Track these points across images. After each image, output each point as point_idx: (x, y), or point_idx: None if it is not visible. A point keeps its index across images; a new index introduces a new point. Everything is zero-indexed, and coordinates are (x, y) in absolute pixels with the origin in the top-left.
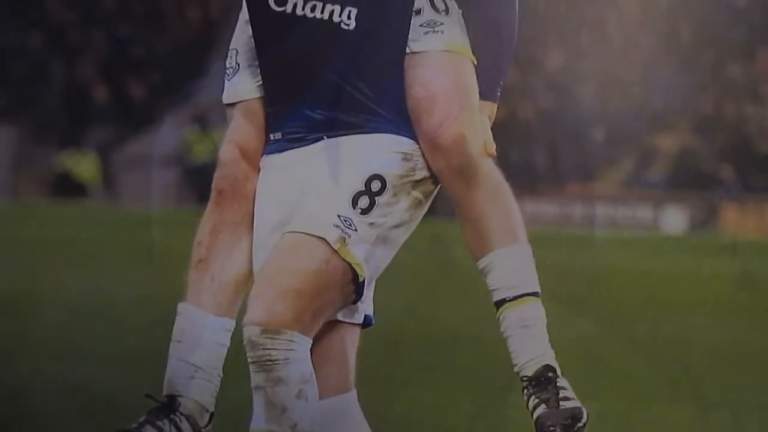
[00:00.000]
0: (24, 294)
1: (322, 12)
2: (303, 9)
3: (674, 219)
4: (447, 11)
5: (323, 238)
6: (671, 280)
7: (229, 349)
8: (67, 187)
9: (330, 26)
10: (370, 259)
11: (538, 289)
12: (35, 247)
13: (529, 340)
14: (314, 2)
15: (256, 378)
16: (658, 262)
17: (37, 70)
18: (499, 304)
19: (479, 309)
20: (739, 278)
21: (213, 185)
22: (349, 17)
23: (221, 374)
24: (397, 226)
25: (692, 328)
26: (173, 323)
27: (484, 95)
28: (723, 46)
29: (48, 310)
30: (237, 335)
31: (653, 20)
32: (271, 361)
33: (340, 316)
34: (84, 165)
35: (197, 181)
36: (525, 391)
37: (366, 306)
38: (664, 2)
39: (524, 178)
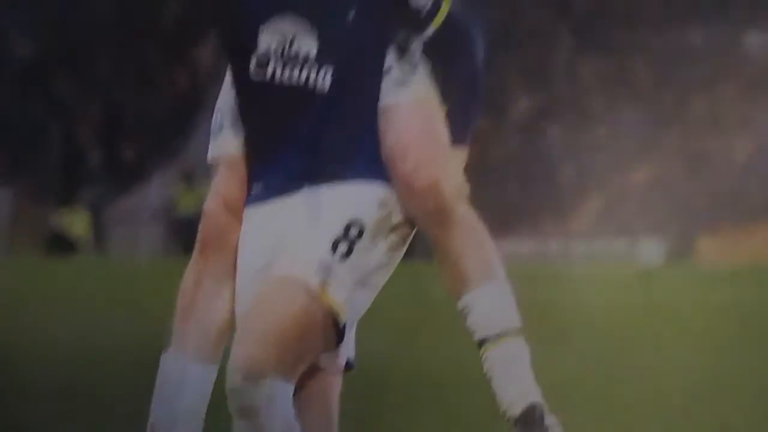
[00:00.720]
0: (17, 345)
1: (299, 77)
2: (280, 76)
3: (649, 251)
4: (415, 68)
5: (304, 283)
6: (650, 312)
7: (211, 397)
8: (61, 243)
9: (307, 89)
10: (350, 302)
11: (519, 326)
12: (28, 301)
13: (514, 379)
14: (290, 69)
15: (238, 426)
16: (635, 294)
17: (37, 135)
18: (482, 343)
19: (461, 349)
20: (718, 308)
21: (198, 236)
22: (324, 78)
23: (203, 421)
24: (376, 269)
25: (673, 359)
26: (157, 370)
27: (455, 141)
28: (684, 83)
29: (39, 359)
30: (220, 382)
31: (614, 61)
32: (253, 408)
33: (321, 361)
34: (77, 222)
35: (183, 233)
36: (513, 431)
37: (348, 349)
38: (623, 43)
39: (499, 218)
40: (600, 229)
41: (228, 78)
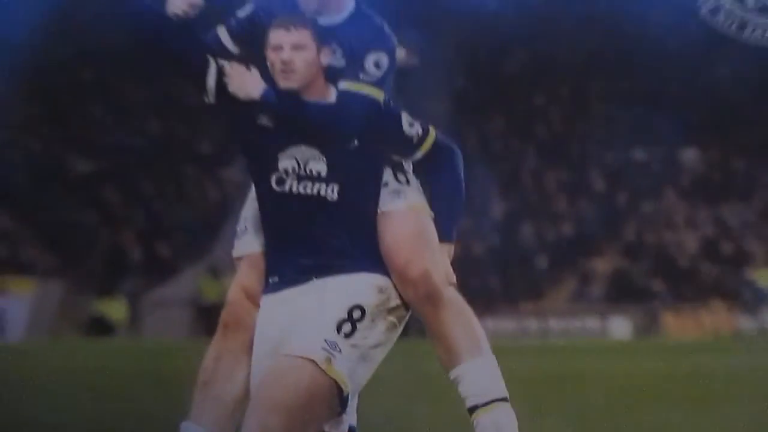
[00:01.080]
0: (64, 410)
1: (312, 189)
2: (297, 188)
3: (619, 327)
4: (408, 182)
5: (312, 359)
6: (621, 380)
7: None
8: (100, 326)
9: (318, 199)
10: (353, 375)
11: (506, 395)
12: (70, 375)
13: None
14: (306, 182)
15: None
16: (608, 365)
17: (86, 237)
18: (472, 410)
19: (454, 416)
20: (683, 375)
21: (220, 319)
22: (333, 192)
23: None
24: (376, 346)
25: (643, 422)
26: None
27: (442, 238)
28: (634, 190)
29: (78, 423)
30: None
31: (573, 172)
32: None
33: (326, 428)
34: (115, 308)
35: (207, 318)
36: None
37: (350, 417)
38: (580, 159)
39: (482, 301)
40: (573, 309)
41: (252, 191)
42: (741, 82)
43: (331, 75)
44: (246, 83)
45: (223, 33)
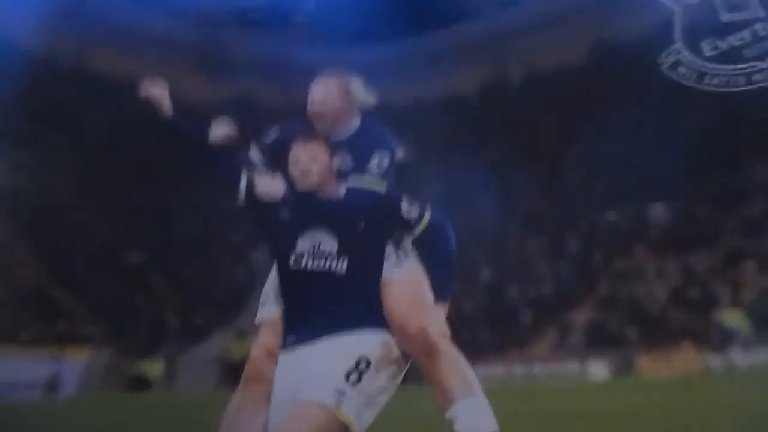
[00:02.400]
0: None
1: (323, 266)
2: (312, 265)
3: (597, 370)
4: (407, 255)
5: (323, 404)
6: (602, 417)
7: None
8: (141, 383)
9: (329, 273)
10: (359, 417)
11: (497, 429)
12: (114, 426)
13: None
14: (318, 261)
15: None
16: (588, 404)
17: (133, 312)
18: None
19: None
20: (657, 411)
21: (243, 373)
22: (342, 266)
23: None
24: (380, 392)
25: None
26: None
27: (437, 298)
28: (607, 249)
29: None
30: None
31: (550, 239)
32: None
33: None
34: (154, 368)
35: (233, 373)
36: None
37: None
38: (557, 225)
39: (473, 352)
40: (555, 355)
41: (273, 269)
42: (699, 132)
43: (341, 176)
44: (271, 186)
45: (253, 150)
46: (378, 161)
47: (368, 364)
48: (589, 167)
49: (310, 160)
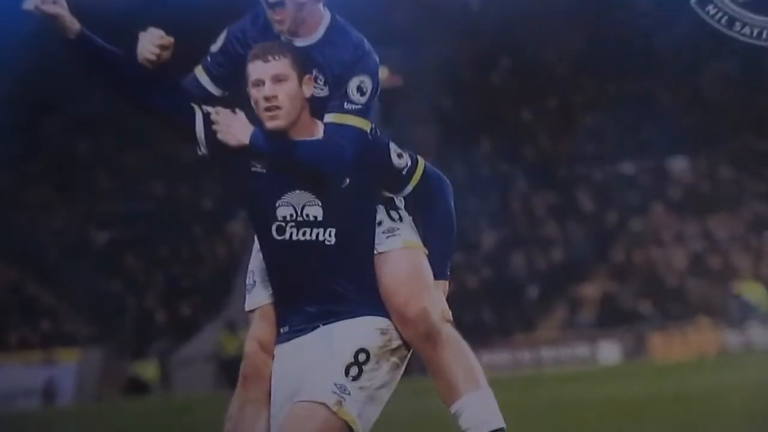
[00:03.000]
0: None
1: (310, 235)
2: (297, 235)
3: (608, 352)
4: (401, 219)
5: (324, 402)
6: (611, 404)
7: None
8: (136, 386)
9: (317, 244)
10: (362, 415)
11: (503, 425)
12: None
13: None
14: (304, 229)
15: None
16: (600, 390)
17: (116, 304)
18: None
19: None
20: (670, 396)
21: (240, 372)
22: (330, 236)
23: None
24: (382, 386)
25: None
26: None
27: (437, 275)
28: (621, 207)
29: None
30: None
31: (559, 194)
32: None
33: None
34: (148, 369)
35: (229, 371)
36: None
37: None
38: (568, 179)
39: (477, 335)
40: (564, 336)
41: (255, 243)
42: (729, 85)
43: (316, 106)
44: (234, 129)
45: (201, 74)
46: (359, 84)
47: (368, 356)
48: (605, 108)
49: (275, 81)
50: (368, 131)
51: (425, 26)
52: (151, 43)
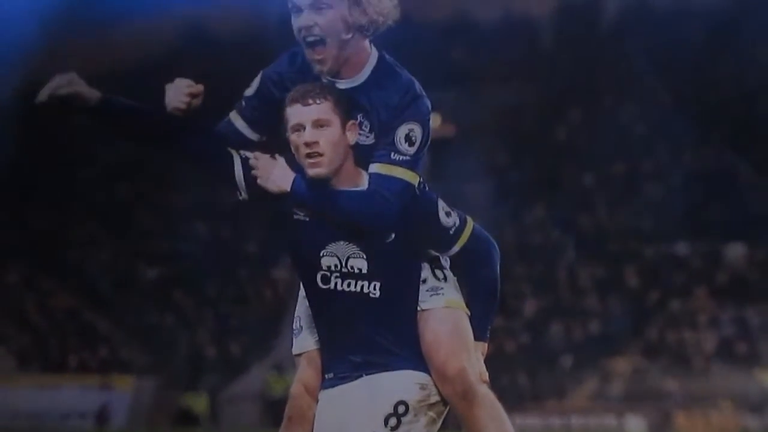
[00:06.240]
0: None
1: (355, 287)
2: (341, 285)
3: (635, 425)
4: (445, 279)
5: None
6: None
7: None
8: (187, 419)
9: (362, 296)
10: None
11: None
12: None
13: None
14: (349, 280)
15: None
16: None
17: (169, 339)
18: None
19: None
20: None
21: (285, 413)
22: (375, 289)
23: None
24: None
25: None
26: None
27: (477, 337)
28: (665, 287)
29: None
30: None
31: (607, 268)
32: None
33: None
34: (198, 403)
35: (275, 411)
36: None
37: None
38: (617, 254)
39: (511, 398)
40: (593, 406)
41: (301, 290)
42: None
43: (361, 154)
44: (274, 175)
45: (236, 119)
46: (407, 132)
47: (407, 408)
48: (671, 180)
49: (316, 126)
50: (416, 185)
51: (486, 67)
52: (180, 92)
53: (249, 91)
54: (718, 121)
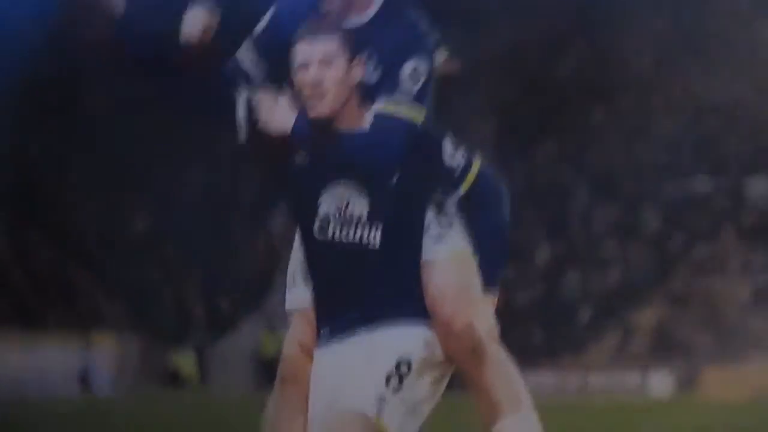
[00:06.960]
0: None
1: (354, 237)
2: (339, 236)
3: (660, 383)
4: (450, 225)
5: (363, 413)
6: None
7: None
8: (174, 379)
9: (360, 247)
10: (401, 429)
11: None
12: (150, 426)
13: None
14: (347, 230)
15: None
16: (648, 424)
17: (154, 294)
18: None
19: None
20: None
21: (278, 374)
22: (375, 239)
23: None
24: (422, 400)
25: None
26: None
27: (486, 288)
28: (690, 230)
29: None
30: None
31: (624, 210)
32: None
33: None
34: (186, 363)
35: (268, 371)
36: None
37: None
38: (633, 194)
39: (523, 354)
40: (614, 363)
41: (297, 240)
42: None
43: (365, 93)
44: (275, 115)
45: (244, 56)
46: (413, 69)
47: (410, 366)
48: (684, 114)
49: (321, 64)
50: (420, 124)
51: (489, 4)
52: (198, 23)
53: (259, 27)
54: (732, 49)
